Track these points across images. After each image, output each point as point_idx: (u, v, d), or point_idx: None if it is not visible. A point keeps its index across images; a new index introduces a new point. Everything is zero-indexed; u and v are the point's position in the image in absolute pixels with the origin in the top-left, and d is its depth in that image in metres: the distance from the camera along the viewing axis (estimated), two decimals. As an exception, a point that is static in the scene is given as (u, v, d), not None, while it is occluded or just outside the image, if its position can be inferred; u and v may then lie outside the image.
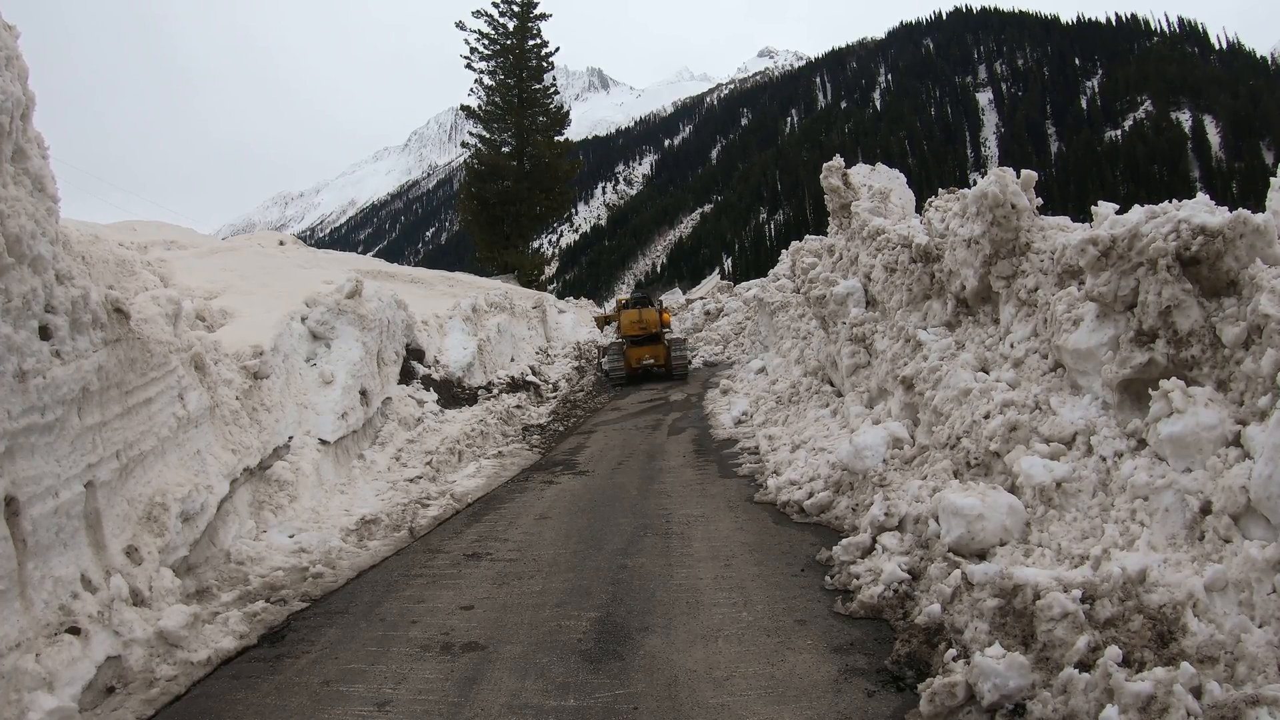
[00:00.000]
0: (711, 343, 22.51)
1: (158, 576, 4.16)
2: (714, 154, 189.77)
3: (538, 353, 18.27)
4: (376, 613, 4.45)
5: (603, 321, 25.73)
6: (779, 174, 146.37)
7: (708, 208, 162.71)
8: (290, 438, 6.83)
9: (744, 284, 30.65)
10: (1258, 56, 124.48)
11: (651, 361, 17.15)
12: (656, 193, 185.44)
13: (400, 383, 10.27)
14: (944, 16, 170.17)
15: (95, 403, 3.98)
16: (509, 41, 36.29)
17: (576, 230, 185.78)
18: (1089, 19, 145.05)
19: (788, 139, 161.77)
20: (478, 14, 36.06)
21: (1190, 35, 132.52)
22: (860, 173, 11.12)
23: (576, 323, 25.54)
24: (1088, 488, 3.75)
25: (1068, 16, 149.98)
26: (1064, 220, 5.59)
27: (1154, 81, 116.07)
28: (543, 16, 36.70)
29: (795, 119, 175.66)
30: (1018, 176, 5.53)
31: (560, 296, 38.28)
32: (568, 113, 39.18)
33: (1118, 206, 4.59)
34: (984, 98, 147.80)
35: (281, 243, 16.88)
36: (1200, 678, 2.40)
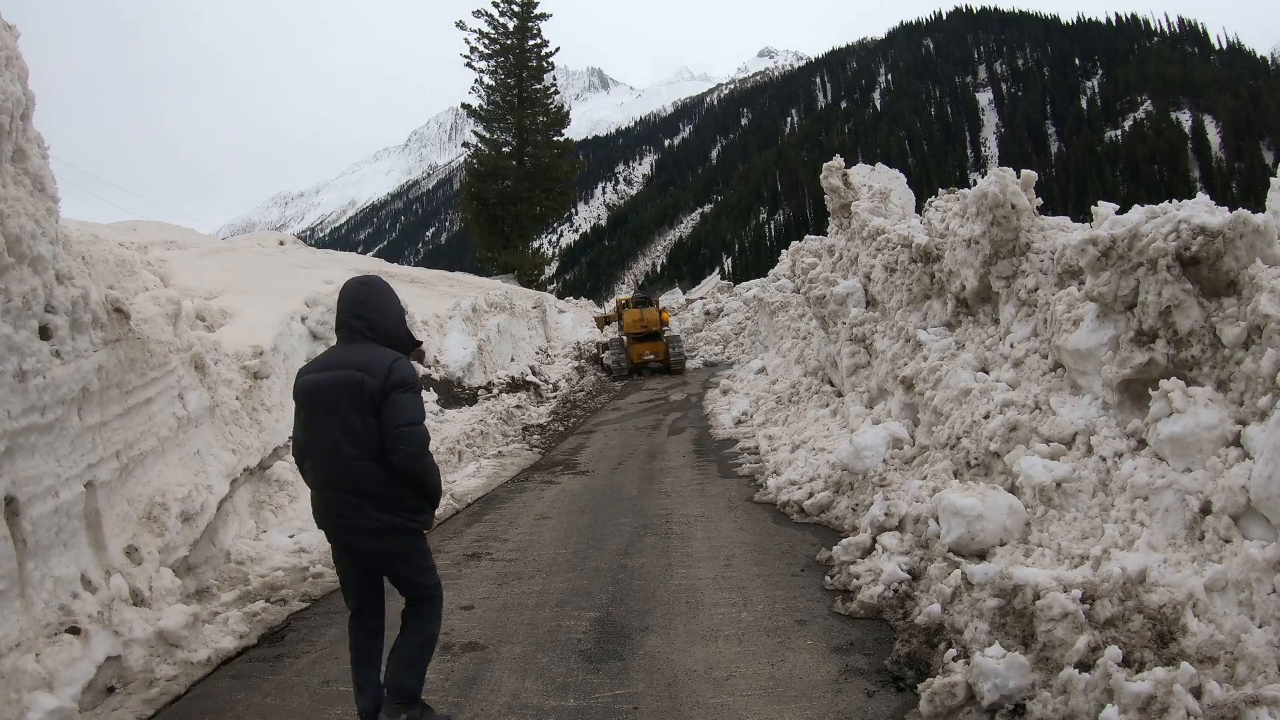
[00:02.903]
0: (711, 343, 22.54)
1: (158, 576, 4.16)
2: (714, 154, 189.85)
3: (538, 353, 18.32)
4: (376, 613, 4.44)
5: (603, 321, 25.88)
6: (779, 174, 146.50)
7: (708, 208, 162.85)
8: (290, 438, 6.82)
9: (744, 284, 30.70)
10: (1258, 56, 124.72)
11: (652, 357, 18.69)
12: (656, 193, 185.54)
13: (400, 383, 10.25)
14: (944, 16, 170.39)
15: (95, 403, 3.98)
16: (509, 41, 36.38)
17: (576, 230, 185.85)
18: (1089, 19, 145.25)
19: (788, 139, 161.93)
20: (478, 14, 36.15)
21: (1190, 35, 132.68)
22: (860, 173, 11.14)
23: (576, 323, 25.58)
24: (1088, 488, 3.74)
25: (1068, 16, 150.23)
26: (1064, 220, 5.59)
27: (1154, 81, 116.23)
28: (543, 16, 36.79)
29: (795, 119, 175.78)
30: (1018, 176, 5.52)
31: (560, 296, 38.30)
32: (568, 113, 39.24)
33: (1118, 206, 4.59)
34: (984, 98, 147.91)
35: (281, 243, 16.89)
36: (1200, 678, 2.40)
